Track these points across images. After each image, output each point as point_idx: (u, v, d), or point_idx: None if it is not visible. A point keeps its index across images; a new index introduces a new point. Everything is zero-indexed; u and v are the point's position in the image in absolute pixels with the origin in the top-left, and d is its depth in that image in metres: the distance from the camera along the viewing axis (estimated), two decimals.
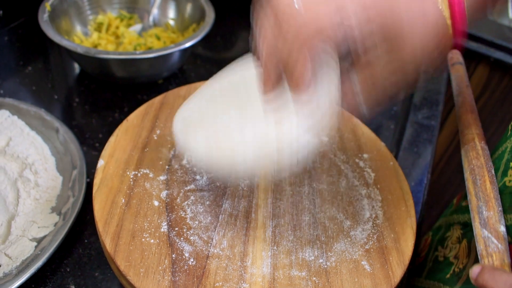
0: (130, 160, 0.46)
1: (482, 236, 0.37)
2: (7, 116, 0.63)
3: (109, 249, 0.38)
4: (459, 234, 0.50)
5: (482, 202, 0.39)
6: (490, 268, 0.33)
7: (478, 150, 0.43)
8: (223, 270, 0.38)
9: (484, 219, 0.38)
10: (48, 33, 0.67)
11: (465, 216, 0.50)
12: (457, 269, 0.47)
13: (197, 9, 0.80)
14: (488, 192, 0.39)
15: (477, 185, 0.40)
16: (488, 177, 0.41)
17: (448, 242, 0.51)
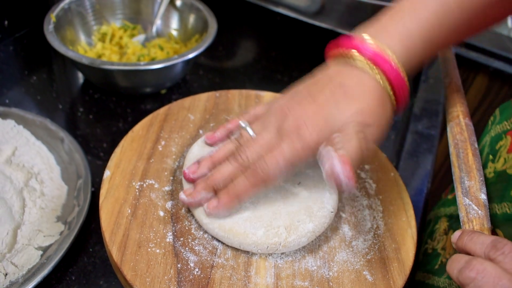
0: (135, 171, 0.47)
1: (463, 204, 0.39)
2: (13, 126, 0.64)
3: (115, 258, 0.39)
4: (445, 226, 0.51)
5: (464, 173, 0.41)
6: (469, 231, 0.35)
7: (462, 126, 0.45)
8: (228, 280, 0.39)
9: (465, 188, 0.40)
10: (54, 44, 0.68)
11: (451, 208, 0.51)
12: (444, 259, 0.48)
13: (200, 20, 0.81)
14: (470, 164, 0.42)
15: (460, 158, 0.42)
16: (471, 150, 0.43)
17: (436, 234, 0.53)
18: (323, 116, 0.40)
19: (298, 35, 1.00)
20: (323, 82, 0.42)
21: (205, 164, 0.44)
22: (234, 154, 0.42)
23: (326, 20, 0.82)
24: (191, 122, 0.53)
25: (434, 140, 0.77)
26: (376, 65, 0.41)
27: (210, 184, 0.42)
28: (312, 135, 0.39)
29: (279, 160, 0.39)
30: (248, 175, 0.40)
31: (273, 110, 0.43)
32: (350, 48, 0.42)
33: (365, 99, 0.40)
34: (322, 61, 0.89)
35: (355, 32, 0.44)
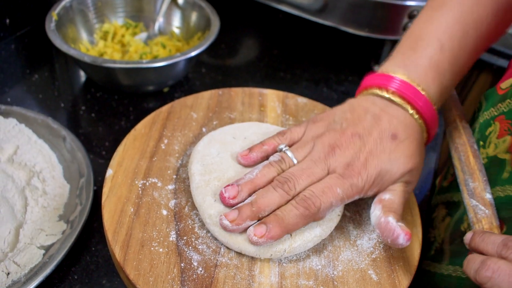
0: (138, 169, 0.46)
1: (471, 205, 0.40)
2: (15, 124, 0.63)
3: (118, 258, 0.39)
4: (444, 213, 0.51)
5: (468, 175, 0.42)
6: (480, 231, 0.36)
7: (460, 129, 0.47)
8: (231, 279, 0.39)
9: (471, 190, 0.41)
10: (55, 42, 0.68)
11: (446, 196, 0.51)
12: (437, 244, 0.48)
13: (202, 17, 0.81)
14: (472, 165, 0.43)
15: (461, 161, 0.44)
16: (471, 152, 0.44)
17: (436, 222, 0.53)
18: (376, 167, 0.41)
19: (300, 33, 0.99)
20: (366, 119, 0.43)
21: (245, 188, 0.41)
22: (279, 181, 0.41)
23: (329, 18, 0.81)
24: (194, 120, 0.53)
25: (437, 138, 0.76)
26: (411, 103, 0.43)
27: (256, 212, 0.39)
28: (363, 183, 0.41)
29: (331, 197, 0.40)
30: (299, 207, 0.39)
31: (316, 139, 0.43)
32: (383, 85, 0.44)
33: (412, 148, 0.42)
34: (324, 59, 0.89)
35: (383, 66, 0.46)
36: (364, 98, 0.45)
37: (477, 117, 0.49)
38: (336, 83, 0.85)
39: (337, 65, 0.90)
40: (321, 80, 0.85)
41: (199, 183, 0.44)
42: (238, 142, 0.48)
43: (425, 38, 0.45)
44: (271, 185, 0.41)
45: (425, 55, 0.44)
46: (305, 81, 0.85)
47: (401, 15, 0.77)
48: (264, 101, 0.57)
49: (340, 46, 0.96)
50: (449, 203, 0.50)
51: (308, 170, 0.41)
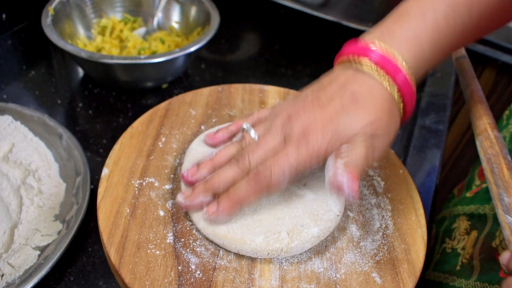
0: (135, 169, 0.45)
1: (506, 222, 0.37)
2: (10, 122, 0.62)
3: (113, 261, 0.37)
4: (466, 225, 0.49)
5: (502, 189, 0.39)
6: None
7: (492, 139, 0.44)
8: (230, 283, 0.37)
9: (506, 205, 0.38)
10: (52, 38, 0.67)
11: (470, 207, 0.49)
12: (464, 260, 0.46)
13: (202, 12, 0.79)
14: (507, 179, 0.40)
15: (495, 173, 0.41)
16: (505, 164, 0.41)
17: (456, 233, 0.51)
18: (333, 126, 0.39)
19: (302, 28, 0.98)
20: (332, 88, 0.41)
21: (204, 167, 0.42)
22: (235, 158, 0.41)
23: (331, 12, 0.80)
24: (192, 117, 0.52)
25: (442, 135, 0.75)
26: (384, 70, 0.40)
27: (209, 187, 0.40)
28: (320, 143, 0.38)
29: (284, 166, 0.38)
30: (250, 180, 0.38)
31: (278, 114, 0.42)
32: (357, 53, 0.41)
33: (375, 109, 0.40)
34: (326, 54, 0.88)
35: (362, 36, 0.44)
36: (335, 70, 0.44)
37: (506, 126, 0.47)
38: None
39: None
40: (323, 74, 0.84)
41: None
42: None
43: (409, 12, 0.43)
44: (228, 163, 0.41)
45: (407, 27, 0.42)
46: (307, 77, 0.84)
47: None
48: (265, 98, 0.56)
49: (342, 42, 0.95)
50: (473, 216, 0.48)
51: (264, 143, 0.40)
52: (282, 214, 0.41)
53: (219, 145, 0.45)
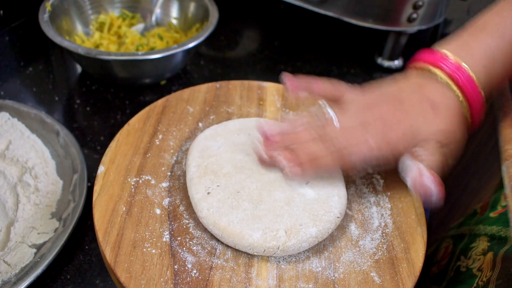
0: (131, 166, 0.45)
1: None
2: (7, 119, 0.62)
3: (109, 259, 0.37)
4: (485, 246, 0.48)
5: None
6: None
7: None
8: (227, 282, 0.37)
9: None
10: (49, 34, 0.66)
11: (492, 228, 0.48)
12: (480, 282, 0.45)
13: (201, 8, 0.79)
14: None
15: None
16: None
17: (472, 253, 0.50)
18: (410, 124, 0.41)
19: (302, 24, 0.97)
20: (410, 90, 0.44)
21: (288, 138, 0.43)
22: (320, 135, 0.42)
23: (331, 8, 0.79)
24: (190, 114, 0.51)
25: None
26: (457, 84, 0.42)
27: (295, 155, 0.41)
28: (397, 138, 0.41)
29: (362, 145, 0.41)
30: (330, 146, 0.40)
31: (356, 101, 0.44)
32: (434, 63, 0.44)
33: (449, 117, 0.42)
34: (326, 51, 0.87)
35: (438, 46, 0.46)
36: (412, 72, 0.46)
37: None
38: (338, 76, 0.83)
39: (339, 57, 0.88)
40: (323, 73, 0.83)
41: (195, 174, 0.42)
42: (242, 138, 0.46)
43: (487, 28, 0.45)
44: (312, 139, 0.42)
45: (483, 44, 0.44)
46: (307, 73, 0.83)
47: (405, 5, 0.75)
48: (263, 95, 0.55)
49: (342, 38, 0.94)
50: (494, 238, 0.47)
51: (345, 124, 0.42)
52: (282, 212, 0.40)
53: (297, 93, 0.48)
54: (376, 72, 0.85)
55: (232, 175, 0.42)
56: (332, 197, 0.42)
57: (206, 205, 0.40)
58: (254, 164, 0.43)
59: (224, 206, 0.40)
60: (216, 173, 0.42)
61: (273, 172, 0.43)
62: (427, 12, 0.76)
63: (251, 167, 0.43)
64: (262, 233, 0.38)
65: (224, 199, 0.40)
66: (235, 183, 0.42)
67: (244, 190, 0.41)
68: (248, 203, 0.40)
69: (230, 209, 0.40)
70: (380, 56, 0.86)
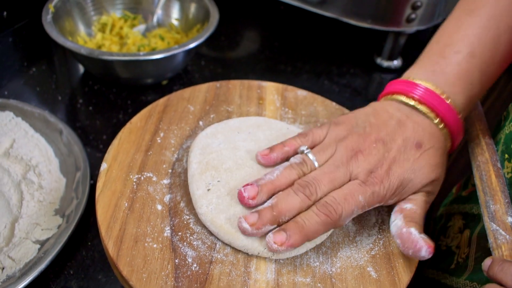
0: (133, 164, 0.45)
1: (491, 229, 0.38)
2: (11, 118, 0.63)
3: (111, 253, 0.38)
4: (460, 224, 0.49)
5: (489, 196, 0.40)
6: (499, 260, 0.34)
7: (483, 145, 0.44)
8: (227, 276, 0.38)
9: (491, 212, 0.39)
10: (52, 35, 0.67)
11: (465, 206, 0.50)
12: (460, 259, 0.46)
13: (201, 9, 0.79)
14: (494, 186, 0.40)
15: (483, 181, 0.41)
16: (494, 171, 0.41)
17: (450, 232, 0.51)
18: (399, 176, 0.40)
19: (302, 24, 0.98)
20: (390, 124, 0.42)
21: (266, 189, 0.40)
22: (301, 185, 0.39)
23: (330, 9, 0.80)
24: (191, 113, 0.52)
25: None
26: (435, 112, 0.42)
27: (277, 216, 0.38)
28: (385, 191, 0.40)
29: (352, 204, 0.39)
30: (321, 214, 0.38)
31: (338, 142, 0.42)
32: (406, 93, 0.43)
33: (436, 159, 0.42)
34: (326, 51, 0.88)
35: (409, 74, 0.45)
36: (388, 103, 0.44)
37: (503, 127, 0.47)
38: (337, 76, 0.84)
39: (338, 57, 0.89)
40: (322, 73, 0.84)
41: (196, 170, 0.43)
42: (242, 136, 0.47)
43: (454, 44, 0.44)
44: (291, 189, 0.39)
45: (454, 62, 0.43)
46: (306, 73, 0.84)
47: (404, 6, 0.76)
48: (263, 94, 0.56)
49: (342, 38, 0.95)
50: (467, 215, 0.48)
51: (330, 174, 0.40)
52: None
53: (271, 166, 0.44)
54: (375, 72, 0.86)
55: (233, 171, 0.43)
56: None
57: (205, 201, 0.41)
58: (255, 161, 0.44)
59: (223, 203, 0.40)
60: (217, 169, 0.43)
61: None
62: (425, 13, 0.77)
63: (251, 164, 0.44)
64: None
65: (224, 195, 0.41)
66: (236, 178, 0.42)
67: (242, 185, 0.42)
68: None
69: (228, 206, 0.40)
70: (379, 56, 0.86)
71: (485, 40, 0.43)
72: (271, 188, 0.40)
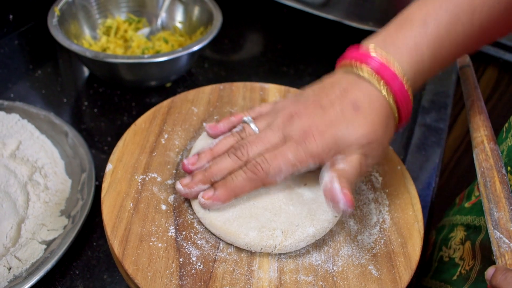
0: (138, 164, 0.46)
1: (494, 237, 0.37)
2: (17, 120, 0.63)
3: (117, 253, 0.39)
4: (462, 235, 0.50)
5: (493, 203, 0.39)
6: (503, 269, 0.33)
7: (487, 152, 0.44)
8: (230, 274, 0.38)
9: (495, 220, 0.38)
10: (58, 38, 0.68)
11: (467, 218, 0.50)
12: (463, 270, 0.47)
13: (205, 12, 0.80)
14: (498, 193, 0.40)
15: (487, 188, 0.41)
16: (498, 178, 0.41)
17: (452, 242, 0.51)
18: (333, 134, 0.40)
19: (304, 27, 0.99)
20: (333, 92, 0.42)
21: (204, 156, 0.43)
22: (234, 148, 0.42)
23: (333, 12, 0.81)
24: (194, 115, 0.53)
25: (442, 133, 0.75)
26: (382, 78, 0.41)
27: (207, 176, 0.41)
28: (318, 148, 0.40)
29: (281, 162, 0.40)
30: (247, 171, 0.40)
31: (280, 111, 0.43)
32: (358, 59, 0.42)
33: (372, 120, 0.41)
34: (328, 54, 0.88)
35: (365, 41, 0.44)
36: (337, 73, 0.45)
37: (505, 139, 0.47)
38: None
39: None
40: (324, 75, 0.85)
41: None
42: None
43: (412, 19, 0.43)
44: (226, 153, 0.42)
45: (408, 35, 0.42)
46: (309, 76, 0.85)
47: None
48: (266, 96, 0.57)
49: (344, 41, 0.95)
50: (469, 226, 0.48)
51: (264, 138, 0.42)
52: (279, 211, 0.42)
53: (219, 135, 0.46)
54: None
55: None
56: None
57: (198, 199, 0.41)
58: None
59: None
60: None
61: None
62: None
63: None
64: (259, 232, 0.40)
65: None
66: None
67: None
68: (245, 201, 0.42)
69: (227, 207, 0.41)
70: None
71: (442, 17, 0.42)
72: (209, 154, 0.43)
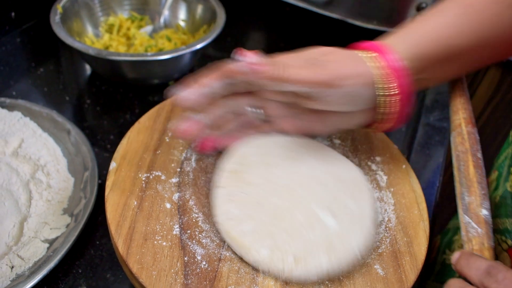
0: (142, 162, 0.46)
1: (463, 222, 0.37)
2: (20, 118, 0.63)
3: (121, 251, 0.38)
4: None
5: (465, 187, 0.38)
6: (467, 254, 0.33)
7: (464, 135, 0.42)
8: (235, 273, 0.38)
9: (465, 204, 0.37)
10: (60, 35, 0.68)
11: None
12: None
13: (208, 10, 0.80)
14: (471, 177, 0.39)
15: (461, 171, 0.40)
16: (472, 161, 0.40)
17: (455, 245, 0.51)
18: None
19: (307, 26, 0.98)
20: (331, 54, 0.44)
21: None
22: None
23: (336, 11, 0.81)
24: None
25: (446, 132, 0.75)
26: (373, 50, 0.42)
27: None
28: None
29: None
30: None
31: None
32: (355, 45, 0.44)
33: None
34: None
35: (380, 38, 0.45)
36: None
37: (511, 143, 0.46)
38: None
39: None
40: None
41: (225, 177, 0.43)
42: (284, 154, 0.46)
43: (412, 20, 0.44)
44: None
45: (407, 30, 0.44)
46: None
47: (409, 7, 0.76)
48: None
49: (347, 40, 0.95)
50: None
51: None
52: (296, 234, 0.39)
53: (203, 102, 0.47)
54: None
55: (260, 186, 0.43)
56: (355, 232, 0.40)
57: (224, 210, 0.41)
58: (288, 181, 0.43)
59: (241, 214, 0.40)
60: (246, 181, 0.43)
61: (305, 191, 0.43)
62: None
63: (283, 184, 0.43)
64: (270, 252, 0.38)
65: (243, 207, 0.41)
66: (260, 194, 0.42)
67: (266, 202, 0.41)
68: (265, 216, 0.40)
69: (245, 218, 0.40)
70: None
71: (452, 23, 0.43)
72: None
